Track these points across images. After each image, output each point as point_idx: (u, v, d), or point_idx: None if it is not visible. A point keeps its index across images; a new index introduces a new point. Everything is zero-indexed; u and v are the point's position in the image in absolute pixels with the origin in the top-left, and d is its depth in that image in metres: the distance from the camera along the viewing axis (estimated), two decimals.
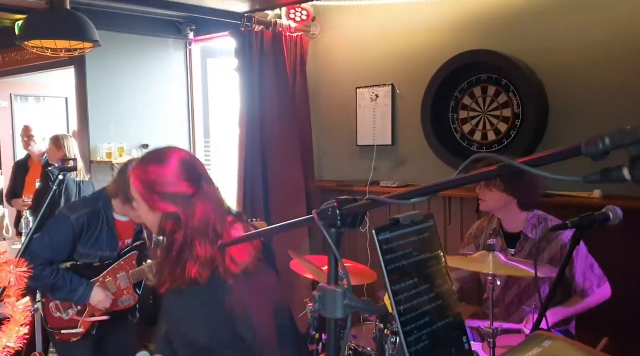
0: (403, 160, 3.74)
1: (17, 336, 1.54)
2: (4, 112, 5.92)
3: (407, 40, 3.69)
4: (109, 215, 2.57)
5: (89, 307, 2.61)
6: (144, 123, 5.05)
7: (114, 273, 2.64)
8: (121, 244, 2.66)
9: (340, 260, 1.04)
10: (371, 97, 3.83)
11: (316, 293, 1.05)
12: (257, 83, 3.98)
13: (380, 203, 0.99)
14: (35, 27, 3.24)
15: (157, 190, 1.46)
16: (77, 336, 2.62)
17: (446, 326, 0.94)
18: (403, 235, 0.93)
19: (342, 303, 1.02)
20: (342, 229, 1.04)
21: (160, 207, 1.47)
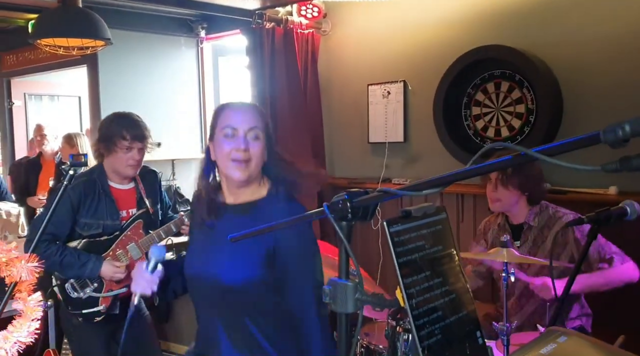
0: (415, 157, 3.71)
1: (28, 331, 1.54)
2: (18, 111, 5.96)
3: (419, 36, 3.66)
4: (104, 182, 2.61)
5: (106, 283, 2.61)
6: (156, 122, 5.03)
7: (123, 245, 2.64)
8: (125, 214, 2.67)
9: (351, 254, 1.02)
10: (383, 93, 3.80)
11: (326, 286, 1.04)
12: (268, 80, 3.97)
13: (391, 195, 0.98)
14: (47, 25, 3.26)
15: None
16: (100, 316, 2.61)
17: (459, 320, 0.92)
18: (415, 227, 0.91)
19: (353, 296, 1.01)
20: (353, 222, 1.03)
21: None
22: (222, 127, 1.61)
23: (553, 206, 2.53)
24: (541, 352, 1.05)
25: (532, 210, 2.52)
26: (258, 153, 1.61)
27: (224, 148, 1.59)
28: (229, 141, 1.59)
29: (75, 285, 2.61)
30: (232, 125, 1.60)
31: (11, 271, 1.57)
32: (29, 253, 1.60)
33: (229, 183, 1.66)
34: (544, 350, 1.07)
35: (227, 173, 1.62)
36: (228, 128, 1.59)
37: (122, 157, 2.58)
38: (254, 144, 1.60)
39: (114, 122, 2.64)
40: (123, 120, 2.66)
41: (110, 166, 2.63)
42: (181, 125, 5.20)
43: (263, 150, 1.63)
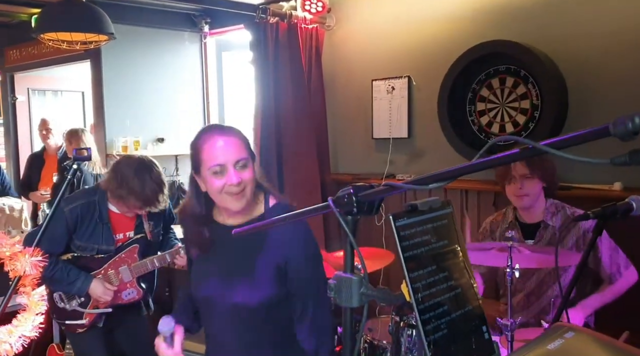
0: (419, 153, 3.70)
1: (32, 325, 1.54)
2: (21, 106, 5.97)
3: (423, 31, 3.64)
4: (103, 208, 2.56)
5: (93, 299, 2.60)
6: (160, 117, 5.07)
7: (115, 266, 2.63)
8: (121, 236, 2.64)
9: (356, 248, 1.02)
10: (387, 89, 3.79)
11: (331, 281, 1.03)
12: (272, 75, 3.96)
13: (397, 189, 0.97)
14: (50, 19, 3.25)
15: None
16: (82, 328, 2.62)
17: (465, 315, 0.92)
18: (420, 221, 0.91)
19: (358, 291, 1.00)
20: (359, 216, 1.02)
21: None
22: (209, 167, 1.56)
23: (569, 207, 2.51)
24: (548, 348, 1.04)
25: (548, 209, 2.50)
26: (249, 180, 1.60)
27: (215, 184, 1.57)
28: (218, 178, 1.57)
29: (63, 297, 2.62)
30: (219, 163, 1.56)
31: (15, 266, 1.57)
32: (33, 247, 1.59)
33: (226, 210, 1.66)
34: (551, 345, 1.06)
35: (224, 205, 1.62)
36: (216, 167, 1.56)
37: (132, 210, 2.59)
38: (244, 173, 1.59)
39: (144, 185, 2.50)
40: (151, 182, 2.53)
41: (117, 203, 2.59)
42: (184, 121, 5.20)
43: (253, 172, 1.62)
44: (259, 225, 1.25)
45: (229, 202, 1.59)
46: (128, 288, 2.65)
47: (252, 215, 1.66)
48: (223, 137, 1.58)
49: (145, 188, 2.47)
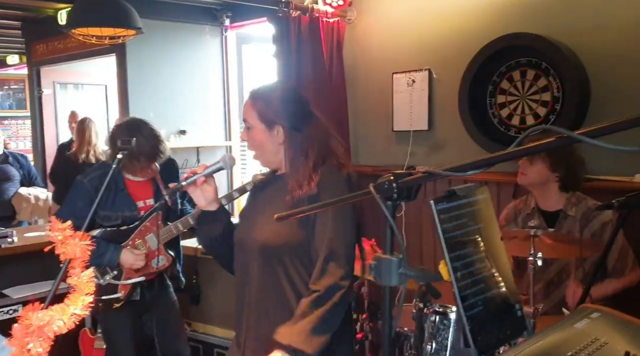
0: (440, 145, 3.75)
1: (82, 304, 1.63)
2: (47, 99, 6.10)
3: (444, 24, 3.68)
4: (119, 176, 2.69)
5: (125, 271, 2.69)
6: (182, 110, 5.16)
7: (141, 235, 2.72)
8: (142, 204, 2.74)
9: (396, 231, 1.09)
10: (407, 82, 3.84)
11: (372, 262, 1.11)
12: (294, 68, 4.02)
13: (435, 176, 1.04)
14: (82, 15, 3.35)
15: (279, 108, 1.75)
16: (119, 302, 2.71)
17: (499, 293, 0.98)
18: (459, 206, 0.97)
19: (397, 271, 1.07)
20: (398, 202, 1.09)
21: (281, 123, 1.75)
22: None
23: (591, 199, 2.55)
24: (575, 326, 1.11)
25: (570, 199, 2.55)
26: (253, 143, 1.76)
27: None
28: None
29: (96, 272, 2.70)
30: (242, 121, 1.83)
31: (66, 249, 1.65)
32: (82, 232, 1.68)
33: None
34: (577, 324, 1.12)
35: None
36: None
37: (141, 172, 2.73)
38: (246, 135, 1.78)
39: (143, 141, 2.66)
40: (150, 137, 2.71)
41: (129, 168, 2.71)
42: (206, 113, 5.29)
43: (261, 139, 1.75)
44: (303, 210, 1.32)
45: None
46: (157, 255, 2.74)
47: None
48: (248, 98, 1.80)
49: (143, 146, 2.62)
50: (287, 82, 1.93)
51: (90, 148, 4.75)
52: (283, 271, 1.73)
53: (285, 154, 1.74)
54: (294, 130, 1.73)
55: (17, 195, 4.73)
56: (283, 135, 1.73)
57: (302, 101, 1.82)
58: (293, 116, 1.75)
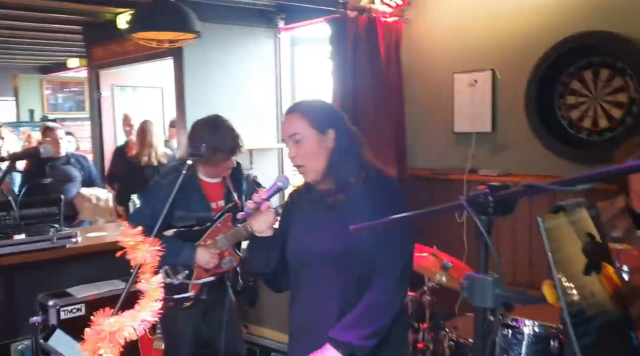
0: (504, 148, 3.61)
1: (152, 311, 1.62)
2: (106, 101, 6.26)
3: (508, 22, 3.54)
4: (194, 177, 2.71)
5: (196, 271, 2.71)
6: (235, 112, 5.14)
7: (212, 236, 2.72)
8: (214, 206, 2.76)
9: (491, 248, 1.01)
10: (469, 82, 3.71)
11: (464, 280, 1.03)
12: (350, 69, 3.96)
13: (538, 190, 0.95)
14: (143, 19, 3.39)
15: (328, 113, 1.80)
16: (189, 301, 2.72)
17: (613, 320, 0.89)
18: (567, 222, 0.89)
19: (492, 291, 1.00)
20: (493, 216, 1.02)
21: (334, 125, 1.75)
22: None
23: None
24: None
25: None
26: (303, 155, 1.73)
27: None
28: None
29: (169, 271, 2.72)
30: (283, 137, 1.82)
31: (137, 254, 1.65)
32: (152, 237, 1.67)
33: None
34: None
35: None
36: (285, 141, 1.81)
37: (221, 166, 2.71)
38: (295, 149, 1.74)
39: (224, 136, 2.67)
40: (232, 138, 2.70)
41: (206, 168, 2.72)
42: (259, 115, 5.29)
43: (313, 148, 1.72)
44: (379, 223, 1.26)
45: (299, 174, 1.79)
46: (227, 256, 2.75)
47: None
48: (287, 114, 1.80)
49: (226, 138, 2.64)
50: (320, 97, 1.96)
51: (152, 151, 4.81)
52: (347, 279, 1.72)
53: (331, 158, 1.73)
54: (343, 133, 1.76)
55: (79, 196, 4.85)
56: (334, 138, 1.75)
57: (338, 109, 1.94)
58: (340, 119, 1.81)
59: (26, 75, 9.27)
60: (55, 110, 8.93)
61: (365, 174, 1.74)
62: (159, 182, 2.69)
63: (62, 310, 3.00)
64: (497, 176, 3.53)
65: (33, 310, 3.09)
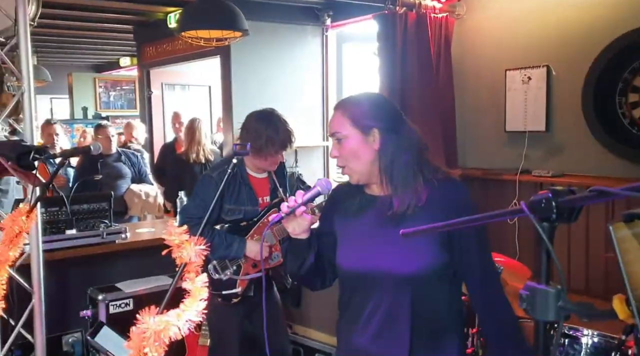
0: (559, 148, 3.46)
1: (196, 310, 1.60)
2: (156, 99, 6.38)
3: (565, 16, 3.39)
4: (243, 171, 2.73)
5: (244, 267, 2.72)
6: (281, 110, 5.11)
7: (259, 231, 2.73)
8: (261, 201, 2.77)
9: (554, 258, 0.94)
10: (522, 79, 3.58)
11: (523, 291, 0.96)
12: (398, 66, 3.89)
13: (609, 196, 0.88)
14: (191, 18, 3.41)
15: (373, 114, 1.59)
16: (237, 298, 2.72)
17: None
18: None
19: (555, 304, 0.92)
20: (556, 223, 0.94)
21: (378, 125, 1.57)
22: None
23: None
24: None
25: None
26: (347, 155, 1.61)
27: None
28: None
29: (217, 267, 2.72)
30: (330, 135, 1.69)
31: (182, 253, 1.64)
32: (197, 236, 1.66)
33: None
34: None
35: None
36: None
37: (269, 159, 2.71)
38: (337, 149, 1.63)
39: (276, 130, 2.68)
40: (283, 132, 2.69)
41: (253, 161, 2.73)
42: (304, 114, 5.27)
43: (354, 148, 1.59)
44: (432, 228, 1.20)
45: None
46: (273, 251, 2.74)
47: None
48: (334, 111, 1.67)
49: (279, 132, 2.65)
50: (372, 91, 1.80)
51: (200, 148, 4.88)
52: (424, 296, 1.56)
53: (380, 160, 1.58)
54: (390, 132, 1.58)
55: (129, 192, 4.95)
56: (379, 139, 1.58)
57: (392, 104, 1.71)
58: (387, 117, 1.61)
59: (80, 73, 9.58)
60: (107, 107, 9.19)
61: (431, 179, 1.58)
62: (209, 175, 2.71)
63: (111, 304, 3.07)
64: (551, 177, 3.39)
65: (83, 303, 3.17)
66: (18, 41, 2.71)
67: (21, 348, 2.88)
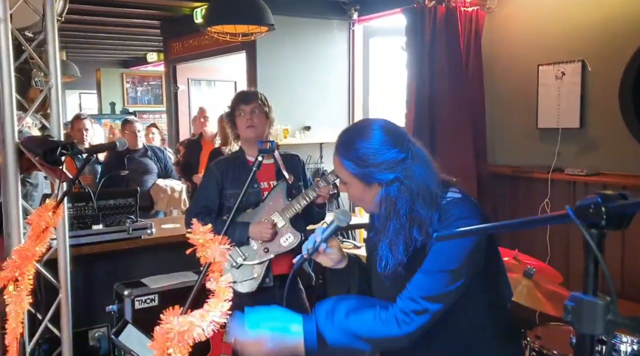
0: (593, 145, 3.34)
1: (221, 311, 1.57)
2: (182, 95, 6.40)
3: (601, 8, 3.26)
4: (242, 157, 2.80)
5: (257, 252, 2.69)
6: (307, 105, 5.14)
7: (267, 215, 2.69)
8: (266, 185, 2.77)
9: (604, 266, 0.87)
10: (556, 74, 3.47)
11: (568, 302, 0.90)
12: (427, 60, 3.81)
13: None
14: (218, 13, 3.39)
15: (371, 163, 1.43)
16: (255, 285, 2.68)
17: None
18: None
19: (604, 317, 0.86)
20: (605, 230, 0.88)
21: (378, 179, 1.44)
22: None
23: None
24: None
25: None
26: (355, 197, 1.57)
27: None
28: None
29: (229, 258, 2.69)
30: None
31: (206, 253, 1.60)
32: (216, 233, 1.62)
33: None
34: None
35: None
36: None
37: (240, 123, 2.76)
38: (343, 188, 1.58)
39: (231, 100, 2.86)
40: (235, 95, 2.89)
41: (241, 139, 2.81)
42: (330, 109, 5.23)
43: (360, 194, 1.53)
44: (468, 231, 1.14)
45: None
46: (284, 233, 2.70)
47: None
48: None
49: (239, 96, 2.81)
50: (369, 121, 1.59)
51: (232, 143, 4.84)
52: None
53: (381, 207, 1.49)
54: (391, 184, 1.45)
55: (155, 187, 4.97)
56: (381, 191, 1.48)
57: (393, 133, 1.49)
58: (387, 164, 1.45)
59: (108, 69, 9.69)
60: (134, 102, 9.28)
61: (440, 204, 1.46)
62: (210, 167, 2.82)
63: (137, 299, 3.07)
64: (584, 176, 3.29)
65: (109, 298, 3.18)
66: (46, 36, 2.72)
67: (48, 342, 2.90)
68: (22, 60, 2.84)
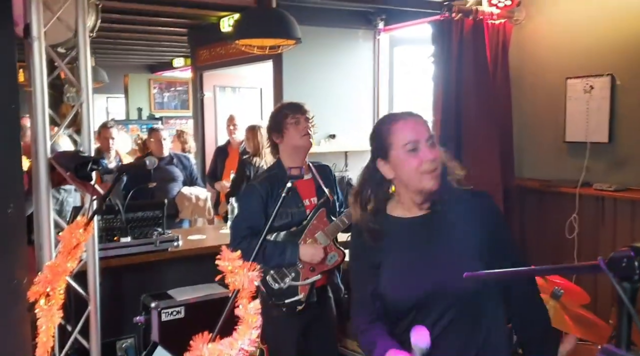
0: (623, 161, 3.29)
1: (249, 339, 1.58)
2: (208, 101, 6.46)
3: (631, 24, 3.22)
4: (284, 174, 2.66)
5: (302, 272, 2.68)
6: (332, 114, 5.14)
7: (311, 234, 2.69)
8: (308, 203, 2.73)
9: (636, 321, 0.87)
10: (584, 88, 3.42)
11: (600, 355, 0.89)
12: (454, 72, 3.79)
13: None
14: (246, 27, 3.43)
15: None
16: (301, 304, 2.69)
17: None
18: None
19: None
20: (639, 284, 0.87)
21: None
22: (403, 144, 1.60)
23: None
24: None
25: None
26: (441, 158, 1.63)
27: (412, 163, 1.59)
28: (414, 155, 1.58)
29: (276, 277, 2.69)
30: (413, 139, 1.59)
31: (235, 279, 1.62)
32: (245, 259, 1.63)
33: (415, 197, 1.65)
34: None
35: (419, 187, 1.61)
36: (410, 144, 1.59)
37: (293, 131, 2.69)
38: (435, 151, 1.61)
39: (277, 110, 2.82)
40: (284, 104, 2.83)
41: (287, 149, 2.72)
42: (355, 118, 5.23)
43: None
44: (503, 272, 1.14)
45: (426, 181, 1.59)
46: (329, 252, 2.70)
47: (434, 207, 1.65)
48: (411, 117, 1.64)
49: (289, 106, 2.73)
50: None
51: (263, 153, 4.82)
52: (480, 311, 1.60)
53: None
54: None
55: (180, 195, 5.02)
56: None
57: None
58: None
59: (136, 74, 9.82)
60: (161, 108, 9.39)
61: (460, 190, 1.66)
62: (253, 185, 2.74)
63: (163, 311, 3.11)
64: (613, 191, 3.24)
65: (136, 309, 3.23)
66: (78, 53, 2.77)
67: (77, 353, 2.95)
68: (55, 76, 2.90)
